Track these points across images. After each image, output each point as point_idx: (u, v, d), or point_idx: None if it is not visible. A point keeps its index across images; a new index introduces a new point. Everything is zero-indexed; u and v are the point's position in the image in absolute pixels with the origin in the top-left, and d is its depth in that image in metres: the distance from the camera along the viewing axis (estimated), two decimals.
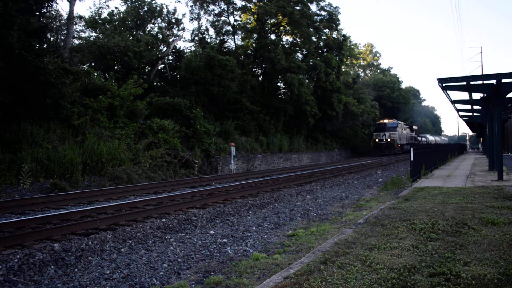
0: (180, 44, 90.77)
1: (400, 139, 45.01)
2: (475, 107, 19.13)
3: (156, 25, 32.59)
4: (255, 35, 35.06)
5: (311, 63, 36.34)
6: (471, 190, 10.29)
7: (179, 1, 71.18)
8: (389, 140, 43.33)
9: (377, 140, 44.03)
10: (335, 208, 9.76)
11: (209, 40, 34.69)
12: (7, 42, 13.75)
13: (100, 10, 31.67)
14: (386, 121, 45.46)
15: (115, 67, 25.20)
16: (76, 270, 5.17)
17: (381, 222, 6.44)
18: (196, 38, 34.28)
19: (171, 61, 30.21)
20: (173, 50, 30.26)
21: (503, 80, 12.50)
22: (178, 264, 5.43)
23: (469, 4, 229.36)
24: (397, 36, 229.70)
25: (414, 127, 55.93)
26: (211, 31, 35.88)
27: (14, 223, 7.18)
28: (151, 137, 18.95)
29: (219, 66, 25.87)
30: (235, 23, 35.18)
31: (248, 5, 34.31)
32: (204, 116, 24.03)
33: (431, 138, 68.88)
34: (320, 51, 39.26)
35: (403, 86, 78.64)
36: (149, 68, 27.37)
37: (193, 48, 34.00)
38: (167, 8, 50.10)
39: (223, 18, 34.99)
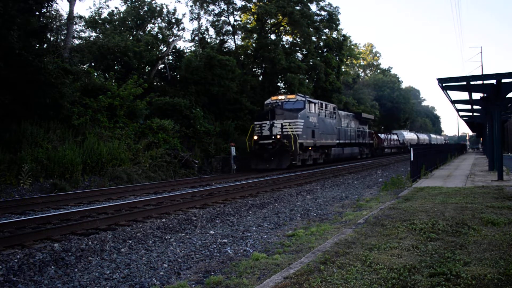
0: (180, 44, 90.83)
1: (314, 135, 22.28)
2: (475, 107, 19.13)
3: (156, 25, 32.60)
4: (255, 35, 35.04)
5: (311, 63, 36.32)
6: (471, 190, 10.29)
7: (179, 1, 71.25)
8: (278, 136, 20.44)
9: (255, 138, 21.07)
10: (335, 208, 9.76)
11: (209, 40, 34.69)
12: (7, 42, 13.74)
13: (100, 10, 31.66)
14: (282, 97, 22.20)
15: (115, 67, 25.20)
16: (76, 270, 5.17)
17: (381, 222, 6.44)
18: (196, 38, 34.27)
19: (171, 61, 30.21)
20: (173, 50, 30.26)
21: (503, 80, 12.49)
22: (178, 264, 5.43)
23: (469, 4, 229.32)
24: (397, 36, 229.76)
25: (369, 116, 35.05)
26: (211, 31, 35.88)
27: (14, 223, 7.18)
28: (151, 137, 18.95)
29: (219, 66, 25.87)
30: (235, 23, 35.17)
31: (248, 5, 34.29)
32: (204, 116, 24.03)
33: (410, 136, 54.14)
34: (320, 51, 39.22)
35: (403, 86, 78.80)
36: (149, 68, 27.37)
37: (193, 48, 34.02)
38: (167, 8, 50.11)
39: (223, 18, 34.98)
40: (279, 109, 21.12)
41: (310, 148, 22.25)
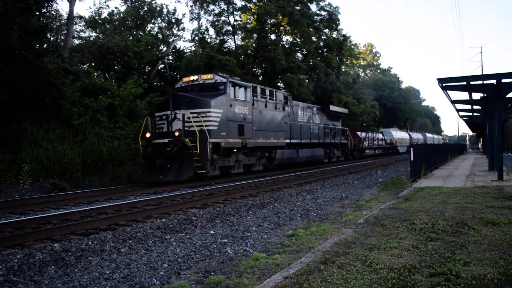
0: (180, 44, 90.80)
1: (244, 132, 15.98)
2: (475, 107, 19.15)
3: (156, 25, 32.65)
4: (255, 35, 35.05)
5: (311, 63, 36.32)
6: (471, 190, 10.29)
7: (179, 1, 71.46)
8: (176, 133, 13.45)
9: (148, 136, 14.16)
10: (335, 208, 9.76)
11: (209, 40, 34.72)
12: (7, 42, 13.76)
13: (100, 10, 31.72)
14: (194, 78, 16.05)
15: (115, 67, 25.22)
16: (76, 270, 5.17)
17: (381, 222, 6.44)
18: (196, 38, 34.29)
19: (171, 61, 30.23)
20: (173, 50, 30.28)
21: (503, 80, 12.50)
22: (178, 264, 5.43)
23: (469, 4, 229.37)
24: (397, 36, 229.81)
25: (340, 109, 28.88)
26: (211, 31, 35.91)
27: (14, 223, 7.18)
28: None
29: (219, 66, 25.88)
30: (235, 23, 35.19)
31: (248, 5, 34.30)
32: None
33: (400, 135, 49.49)
34: (320, 51, 39.22)
35: (403, 86, 78.85)
36: (149, 68, 27.40)
37: (193, 48, 34.04)
38: (167, 8, 50.13)
39: (223, 18, 35.00)
40: (186, 95, 14.63)
41: (235, 150, 15.66)
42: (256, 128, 16.82)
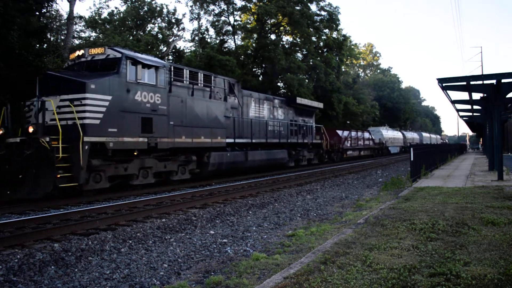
0: (180, 44, 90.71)
1: (154, 128, 12.01)
2: (475, 107, 19.15)
3: (156, 25, 32.64)
4: (255, 35, 35.07)
5: (311, 63, 36.35)
6: (471, 190, 10.29)
7: (179, 1, 71.31)
8: (30, 129, 10.07)
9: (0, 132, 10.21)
10: (335, 208, 9.76)
11: (209, 40, 34.74)
12: (7, 42, 13.77)
13: (100, 10, 31.70)
14: (79, 53, 12.00)
15: None
16: (76, 270, 5.17)
17: (381, 222, 6.44)
18: (196, 38, 34.30)
19: (171, 61, 30.23)
20: (173, 50, 30.29)
21: (503, 80, 12.51)
22: (178, 264, 5.43)
23: (469, 4, 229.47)
24: (397, 36, 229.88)
25: (312, 103, 24.50)
26: (211, 31, 35.94)
27: (14, 223, 7.18)
28: None
29: (219, 66, 25.89)
30: (235, 23, 35.21)
31: (248, 5, 34.32)
32: None
33: (392, 134, 45.09)
34: (320, 51, 39.25)
35: (403, 86, 78.95)
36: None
37: (193, 48, 34.05)
38: (167, 8, 50.06)
39: (223, 18, 35.02)
40: (57, 75, 11.08)
41: (136, 153, 11.77)
42: (175, 123, 12.77)
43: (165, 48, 29.43)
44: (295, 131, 21.46)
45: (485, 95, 15.42)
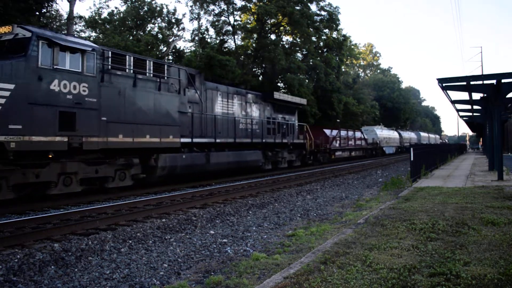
0: (180, 44, 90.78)
1: (77, 124, 9.90)
2: (475, 107, 19.16)
3: (156, 25, 32.63)
4: (255, 35, 35.08)
5: (311, 63, 36.35)
6: (471, 190, 10.29)
7: (179, 1, 71.25)
8: None
9: None
10: (335, 208, 9.76)
11: (209, 40, 34.73)
12: None
13: (100, 10, 31.70)
14: None
15: None
16: (76, 270, 5.17)
17: (381, 222, 6.44)
18: (196, 38, 34.30)
19: (171, 61, 30.23)
20: (173, 50, 30.29)
21: (503, 80, 12.52)
22: (178, 264, 5.43)
23: (469, 4, 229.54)
24: (397, 36, 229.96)
25: (293, 99, 22.19)
26: (211, 31, 35.94)
27: (14, 223, 7.18)
28: None
29: (219, 66, 25.88)
30: (235, 23, 35.21)
31: (248, 5, 34.33)
32: None
33: (387, 134, 42.71)
34: (320, 51, 39.25)
35: (403, 86, 78.95)
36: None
37: (193, 48, 34.03)
38: (167, 8, 50.07)
39: (223, 18, 35.03)
40: None
41: (51, 156, 9.74)
42: (108, 119, 10.72)
43: (165, 48, 29.44)
44: (272, 129, 19.49)
45: (485, 95, 15.43)
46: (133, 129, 11.34)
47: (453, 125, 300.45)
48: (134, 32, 30.46)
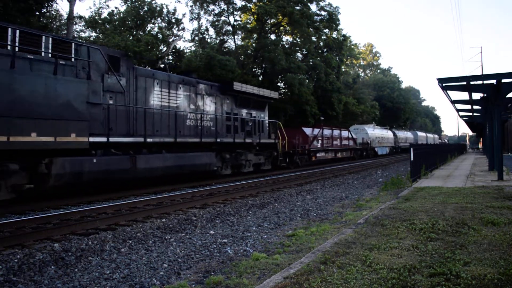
0: (180, 44, 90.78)
1: None
2: (475, 107, 19.16)
3: (156, 25, 32.59)
4: (255, 35, 35.07)
5: (311, 63, 36.34)
6: (471, 190, 10.29)
7: (179, 1, 71.28)
8: None
9: None
10: (335, 208, 9.76)
11: (209, 40, 34.72)
12: None
13: (100, 10, 31.65)
14: None
15: None
16: (76, 270, 5.17)
17: (381, 222, 6.44)
18: (196, 38, 34.30)
19: (171, 61, 30.21)
20: (173, 50, 30.28)
21: (503, 80, 12.51)
22: (178, 264, 5.43)
23: (469, 4, 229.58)
24: (397, 36, 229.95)
25: (260, 91, 18.50)
26: (211, 31, 35.93)
27: (14, 223, 7.18)
28: None
29: (219, 66, 25.88)
30: (235, 23, 35.21)
31: (248, 5, 34.32)
32: None
33: (379, 133, 40.21)
34: (320, 51, 39.25)
35: (403, 86, 78.94)
36: (149, 68, 27.37)
37: (193, 48, 34.02)
38: (167, 8, 50.05)
39: (223, 18, 35.02)
40: None
41: None
42: None
43: (165, 48, 29.42)
44: (234, 127, 16.60)
45: (485, 95, 15.43)
46: (9, 125, 8.33)
47: (453, 125, 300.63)
48: (134, 32, 30.43)
